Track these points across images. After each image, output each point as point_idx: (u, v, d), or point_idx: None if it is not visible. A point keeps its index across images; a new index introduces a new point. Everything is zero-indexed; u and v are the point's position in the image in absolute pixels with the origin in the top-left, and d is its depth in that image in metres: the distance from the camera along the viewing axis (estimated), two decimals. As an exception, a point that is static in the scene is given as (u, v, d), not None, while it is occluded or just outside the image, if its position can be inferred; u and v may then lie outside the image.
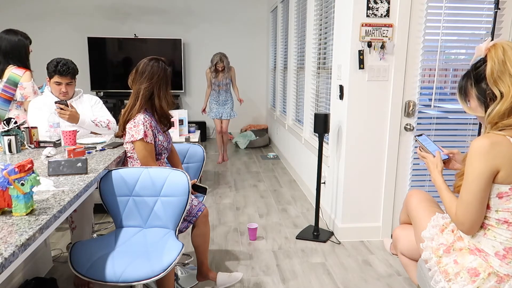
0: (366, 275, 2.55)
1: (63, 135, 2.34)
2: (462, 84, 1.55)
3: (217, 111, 5.36)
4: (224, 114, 5.37)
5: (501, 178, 1.39)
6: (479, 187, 1.40)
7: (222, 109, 5.36)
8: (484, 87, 1.45)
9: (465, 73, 1.56)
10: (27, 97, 2.89)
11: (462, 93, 1.56)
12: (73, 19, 6.74)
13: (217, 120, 5.40)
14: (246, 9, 7.07)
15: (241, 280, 2.47)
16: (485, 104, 1.47)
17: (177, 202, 1.90)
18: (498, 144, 1.38)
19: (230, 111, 5.40)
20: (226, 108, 5.37)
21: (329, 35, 3.39)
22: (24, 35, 2.98)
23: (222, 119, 5.39)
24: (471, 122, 2.95)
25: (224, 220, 3.45)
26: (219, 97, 5.34)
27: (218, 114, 5.37)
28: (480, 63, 1.49)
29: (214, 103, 5.37)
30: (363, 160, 2.95)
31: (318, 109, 3.83)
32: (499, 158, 1.37)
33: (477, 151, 1.40)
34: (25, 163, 1.33)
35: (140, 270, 1.59)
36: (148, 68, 2.16)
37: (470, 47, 3.00)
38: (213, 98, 5.37)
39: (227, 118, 5.39)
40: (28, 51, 2.98)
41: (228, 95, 5.36)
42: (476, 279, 1.44)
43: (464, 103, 1.57)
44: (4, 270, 1.04)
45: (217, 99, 5.35)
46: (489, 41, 1.46)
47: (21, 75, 2.87)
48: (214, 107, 5.37)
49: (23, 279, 2.24)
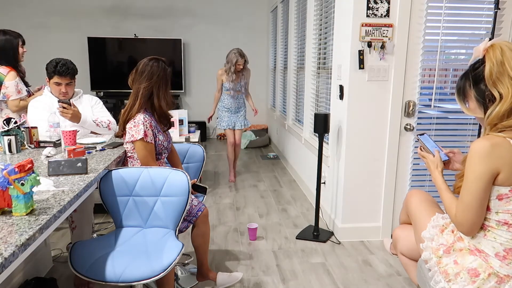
0: (366, 275, 2.55)
1: (63, 135, 2.34)
2: (460, 85, 1.55)
3: (230, 120, 4.53)
4: (237, 123, 4.55)
5: (501, 180, 1.39)
6: (479, 189, 1.40)
7: (235, 118, 4.55)
8: (483, 88, 1.45)
9: (463, 74, 1.55)
10: (9, 97, 2.89)
11: (460, 94, 1.55)
12: (73, 19, 6.74)
13: (229, 131, 4.56)
14: (246, 9, 7.07)
15: (241, 280, 2.47)
16: (484, 105, 1.46)
17: (177, 202, 1.90)
18: (499, 146, 1.37)
19: (243, 120, 4.60)
20: (240, 117, 4.57)
21: (329, 35, 3.39)
22: (14, 34, 2.96)
23: (235, 129, 4.59)
24: (471, 122, 2.95)
25: (224, 220, 3.45)
26: (233, 104, 4.50)
27: (230, 124, 4.53)
28: (478, 64, 1.48)
29: (225, 110, 4.53)
30: (363, 160, 2.95)
31: (318, 109, 3.83)
32: (499, 160, 1.36)
33: (477, 153, 1.39)
34: (25, 163, 1.33)
35: (140, 270, 1.59)
36: (147, 68, 2.17)
37: (470, 47, 3.00)
38: (224, 105, 4.52)
39: (241, 128, 4.58)
40: (17, 50, 2.96)
41: (241, 101, 4.59)
42: (476, 280, 1.44)
43: (463, 104, 1.56)
44: (4, 270, 1.04)
45: (230, 105, 4.50)
46: (487, 41, 1.45)
47: (5, 74, 2.88)
48: (226, 116, 4.53)
49: (23, 279, 2.24)
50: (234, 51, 4.26)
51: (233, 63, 4.25)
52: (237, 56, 4.23)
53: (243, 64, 4.31)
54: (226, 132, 4.59)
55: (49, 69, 2.61)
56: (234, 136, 4.59)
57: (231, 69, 4.28)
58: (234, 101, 4.49)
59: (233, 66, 4.26)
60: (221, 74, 4.42)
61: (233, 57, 4.25)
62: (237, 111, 4.56)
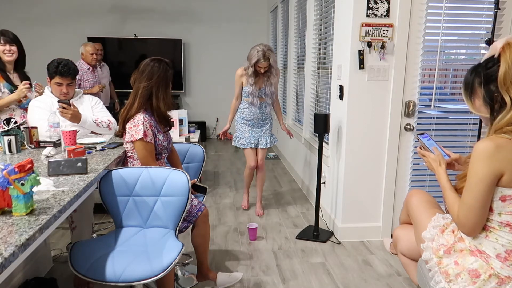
0: (366, 275, 2.55)
1: (63, 135, 2.34)
2: (469, 81, 1.48)
3: (251, 136, 3.43)
4: (261, 140, 3.47)
5: (505, 182, 1.37)
6: (482, 190, 1.38)
7: (258, 133, 3.45)
8: (493, 89, 1.40)
9: (473, 68, 1.48)
10: None
11: (468, 90, 1.49)
12: (73, 19, 6.74)
13: (250, 151, 3.46)
14: (246, 9, 7.07)
15: (241, 280, 2.47)
16: (490, 105, 1.42)
17: (177, 202, 1.90)
18: (503, 147, 1.35)
19: (269, 135, 3.51)
20: (264, 132, 3.48)
21: (329, 35, 3.39)
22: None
23: (259, 148, 3.51)
24: (471, 122, 2.95)
25: (224, 220, 3.45)
26: (255, 114, 3.40)
27: (252, 141, 3.43)
28: (492, 63, 1.42)
29: (245, 123, 3.44)
30: (363, 160, 2.95)
31: (318, 109, 3.83)
32: (503, 162, 1.35)
33: (481, 154, 1.37)
34: (25, 163, 1.33)
35: (140, 270, 1.59)
36: (148, 67, 2.17)
37: (470, 47, 3.01)
38: (243, 116, 3.43)
39: (265, 147, 3.49)
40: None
41: (267, 110, 3.47)
42: (476, 281, 1.43)
43: (469, 100, 1.50)
44: (4, 270, 1.04)
45: (251, 117, 3.41)
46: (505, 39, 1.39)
47: None
48: (245, 130, 3.44)
49: (23, 279, 2.24)
50: (257, 48, 3.19)
51: (251, 63, 3.22)
52: (259, 55, 3.16)
53: (267, 67, 3.25)
54: (245, 152, 3.48)
55: (51, 69, 2.60)
56: (256, 158, 3.49)
57: (250, 71, 3.28)
58: (256, 111, 3.39)
59: (252, 68, 3.24)
60: (240, 75, 3.36)
61: (253, 56, 3.20)
62: (261, 124, 3.45)
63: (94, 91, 4.41)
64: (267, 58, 3.19)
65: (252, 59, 3.21)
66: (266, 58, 3.18)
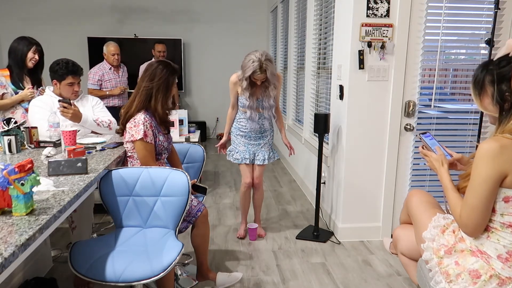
0: (366, 275, 2.55)
1: (63, 135, 2.34)
2: (480, 77, 1.45)
3: (246, 150, 2.96)
4: (259, 155, 2.98)
5: (509, 182, 1.36)
6: (486, 191, 1.37)
7: (255, 147, 2.97)
8: (504, 89, 1.38)
9: (484, 64, 1.45)
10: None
11: (477, 87, 1.46)
12: (73, 19, 6.74)
13: (245, 167, 2.99)
14: (246, 9, 7.06)
15: (241, 280, 2.47)
16: (500, 105, 1.40)
17: (177, 202, 1.90)
18: (508, 148, 1.34)
19: (268, 150, 3.02)
20: (263, 146, 2.99)
21: (329, 35, 3.39)
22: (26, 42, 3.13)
23: (255, 165, 3.01)
24: (471, 122, 2.95)
25: (224, 220, 3.45)
26: (252, 125, 2.92)
27: (247, 156, 2.96)
28: (506, 61, 1.39)
29: (240, 135, 2.97)
30: (363, 160, 2.94)
31: (318, 109, 3.83)
32: (507, 163, 1.34)
33: (485, 155, 1.36)
34: (25, 163, 1.33)
35: (140, 270, 1.59)
36: (151, 68, 2.19)
37: (470, 47, 3.01)
38: (239, 127, 2.96)
39: (263, 163, 2.98)
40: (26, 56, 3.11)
41: (266, 124, 2.99)
42: (477, 281, 1.43)
43: (477, 97, 1.47)
44: (4, 270, 1.04)
45: (247, 129, 2.94)
46: None
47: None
48: (241, 143, 2.97)
49: (23, 279, 2.24)
50: (253, 58, 2.65)
51: (245, 76, 2.70)
52: (255, 66, 2.63)
53: (263, 79, 2.74)
54: (240, 168, 3.02)
55: (60, 70, 2.58)
56: (252, 175, 3.02)
57: (244, 83, 2.75)
58: (253, 123, 2.92)
59: (246, 80, 2.73)
60: (235, 82, 2.85)
61: (248, 67, 2.66)
62: (259, 137, 2.98)
63: (115, 92, 4.37)
64: (264, 70, 2.66)
65: (246, 71, 2.67)
66: (263, 70, 2.65)
